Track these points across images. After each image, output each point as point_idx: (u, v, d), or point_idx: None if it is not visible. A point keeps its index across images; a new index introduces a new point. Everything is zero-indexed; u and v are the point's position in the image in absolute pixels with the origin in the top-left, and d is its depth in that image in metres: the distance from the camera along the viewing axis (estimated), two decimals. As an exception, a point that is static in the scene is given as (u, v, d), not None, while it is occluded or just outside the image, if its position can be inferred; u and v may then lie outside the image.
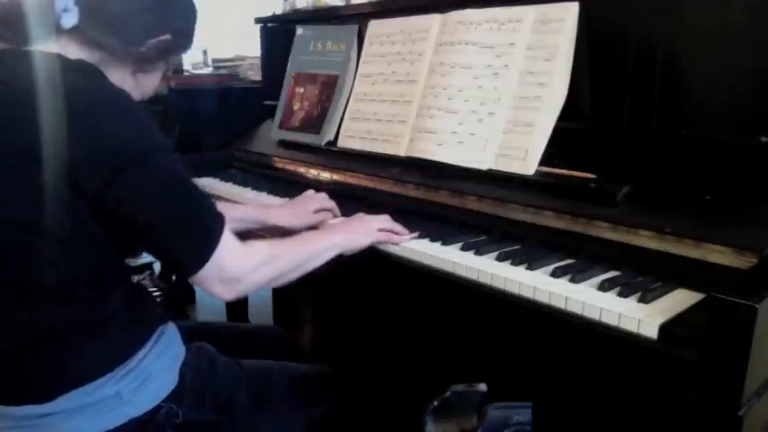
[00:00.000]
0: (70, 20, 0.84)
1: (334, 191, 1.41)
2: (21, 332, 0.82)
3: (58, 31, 0.84)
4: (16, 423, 0.84)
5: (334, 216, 1.24)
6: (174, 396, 0.90)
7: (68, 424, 0.83)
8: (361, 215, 1.11)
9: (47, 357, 0.83)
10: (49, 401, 0.82)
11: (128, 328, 0.88)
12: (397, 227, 1.09)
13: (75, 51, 0.85)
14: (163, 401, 0.89)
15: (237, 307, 1.98)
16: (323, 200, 1.24)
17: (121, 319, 0.88)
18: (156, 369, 0.90)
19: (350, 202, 1.31)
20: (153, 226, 0.81)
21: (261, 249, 0.92)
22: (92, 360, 0.84)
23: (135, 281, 0.95)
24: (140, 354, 0.89)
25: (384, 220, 1.09)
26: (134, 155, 0.79)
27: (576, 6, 1.05)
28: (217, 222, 0.85)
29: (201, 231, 0.84)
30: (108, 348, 0.86)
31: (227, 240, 0.85)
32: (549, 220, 1.00)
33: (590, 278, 0.87)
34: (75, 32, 0.85)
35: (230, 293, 0.87)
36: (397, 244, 1.06)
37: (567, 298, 0.81)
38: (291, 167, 1.57)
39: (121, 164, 0.78)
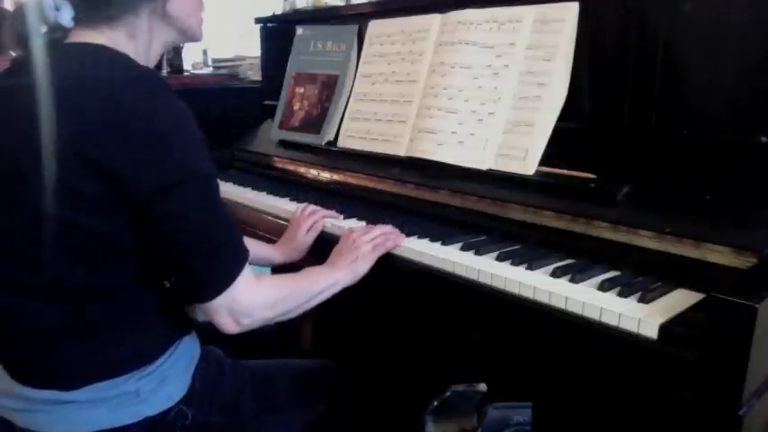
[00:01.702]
0: (67, 15, 0.83)
1: (335, 191, 1.41)
2: (58, 321, 0.84)
3: (65, 30, 0.84)
4: (31, 405, 0.85)
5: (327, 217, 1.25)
6: (186, 399, 0.92)
7: (84, 414, 0.85)
8: (350, 238, 1.08)
9: (78, 347, 0.84)
10: (70, 390, 0.84)
11: (157, 331, 0.90)
12: (386, 228, 1.08)
13: (101, 40, 0.84)
14: (175, 403, 0.90)
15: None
16: (309, 217, 1.23)
17: (153, 321, 0.89)
18: (174, 371, 0.91)
19: (350, 201, 1.31)
20: (186, 246, 0.83)
21: (270, 289, 0.93)
22: (119, 357, 0.86)
23: (167, 285, 0.97)
24: (163, 356, 0.90)
25: (371, 232, 1.07)
26: (192, 174, 0.81)
27: (575, 6, 1.05)
28: (242, 255, 0.87)
29: (228, 260, 0.86)
30: (136, 348, 0.87)
31: (246, 275, 0.87)
32: (549, 220, 1.00)
33: (590, 278, 0.87)
34: (83, 23, 0.85)
35: (235, 327, 0.88)
36: (396, 246, 1.06)
37: (567, 298, 0.81)
38: (291, 167, 1.57)
39: (178, 180, 0.79)
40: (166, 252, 0.83)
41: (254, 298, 0.89)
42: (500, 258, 0.96)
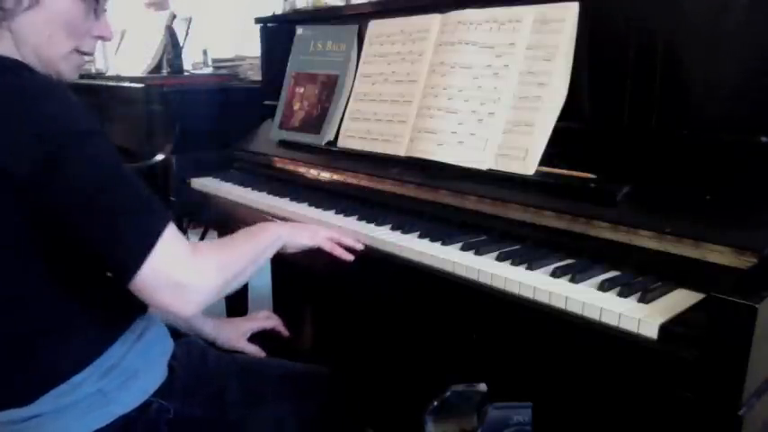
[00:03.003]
0: None
1: (335, 191, 1.41)
2: None
3: None
4: (1, 428, 0.83)
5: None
6: (163, 391, 0.90)
7: (55, 425, 0.82)
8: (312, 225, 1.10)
9: (16, 361, 0.82)
10: (29, 404, 0.81)
11: (97, 323, 0.86)
12: (347, 240, 1.06)
13: None
14: (151, 397, 0.88)
15: (236, 308, 1.98)
16: (263, 320, 1.24)
17: (88, 315, 0.85)
18: (142, 365, 0.89)
19: (350, 201, 1.32)
20: (89, 218, 0.74)
21: (209, 253, 0.84)
22: (63, 358, 0.83)
23: (108, 275, 0.89)
24: (120, 350, 0.87)
25: (334, 231, 1.07)
26: (69, 138, 0.73)
27: (575, 6, 1.05)
28: (158, 216, 0.77)
29: (139, 225, 0.75)
30: (78, 345, 0.84)
31: (171, 239, 0.76)
32: (549, 220, 1.00)
33: (590, 278, 0.87)
34: None
35: (182, 303, 0.77)
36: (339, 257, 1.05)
37: (567, 298, 0.81)
38: (291, 167, 1.57)
39: (56, 148, 0.72)
40: (71, 234, 0.76)
41: (192, 265, 0.78)
42: (500, 258, 0.96)
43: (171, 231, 0.77)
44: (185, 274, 0.77)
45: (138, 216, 0.76)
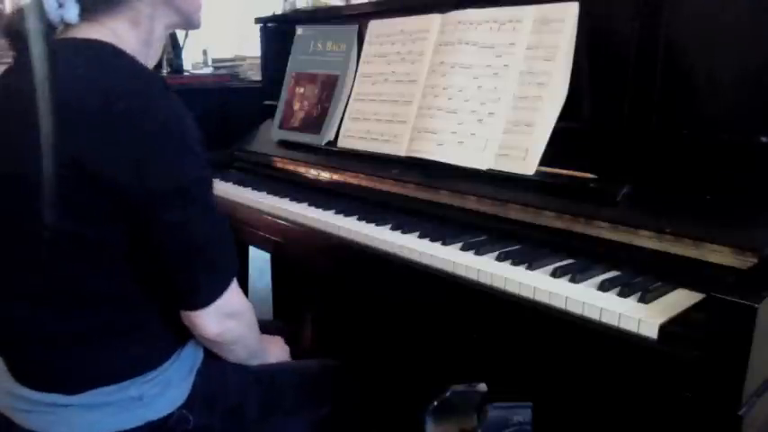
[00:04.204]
0: (72, 11, 0.81)
1: (335, 191, 1.41)
2: (64, 327, 0.83)
3: (68, 26, 0.83)
4: (33, 407, 0.85)
5: None
6: (188, 403, 0.91)
7: (86, 417, 0.84)
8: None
9: (83, 353, 0.84)
10: (74, 394, 0.83)
11: (162, 336, 0.90)
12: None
13: (103, 33, 0.83)
14: (177, 408, 0.90)
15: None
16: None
17: (158, 326, 0.89)
18: (177, 376, 0.91)
19: (350, 201, 1.31)
20: (184, 253, 0.82)
21: (247, 302, 0.96)
22: (124, 362, 0.86)
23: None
24: (168, 362, 0.90)
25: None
26: (191, 180, 0.80)
27: (575, 6, 1.05)
28: (236, 262, 0.89)
29: (224, 268, 0.88)
30: (140, 353, 0.87)
31: (236, 283, 0.90)
32: (549, 220, 1.00)
33: (590, 278, 0.87)
34: (88, 15, 0.83)
35: (216, 328, 0.88)
36: None
37: (567, 298, 0.81)
38: (291, 167, 1.57)
39: (177, 187, 0.78)
40: (161, 260, 0.82)
41: (241, 301, 0.92)
42: (500, 258, 0.96)
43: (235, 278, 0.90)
44: (237, 307, 0.91)
45: (227, 256, 0.88)
